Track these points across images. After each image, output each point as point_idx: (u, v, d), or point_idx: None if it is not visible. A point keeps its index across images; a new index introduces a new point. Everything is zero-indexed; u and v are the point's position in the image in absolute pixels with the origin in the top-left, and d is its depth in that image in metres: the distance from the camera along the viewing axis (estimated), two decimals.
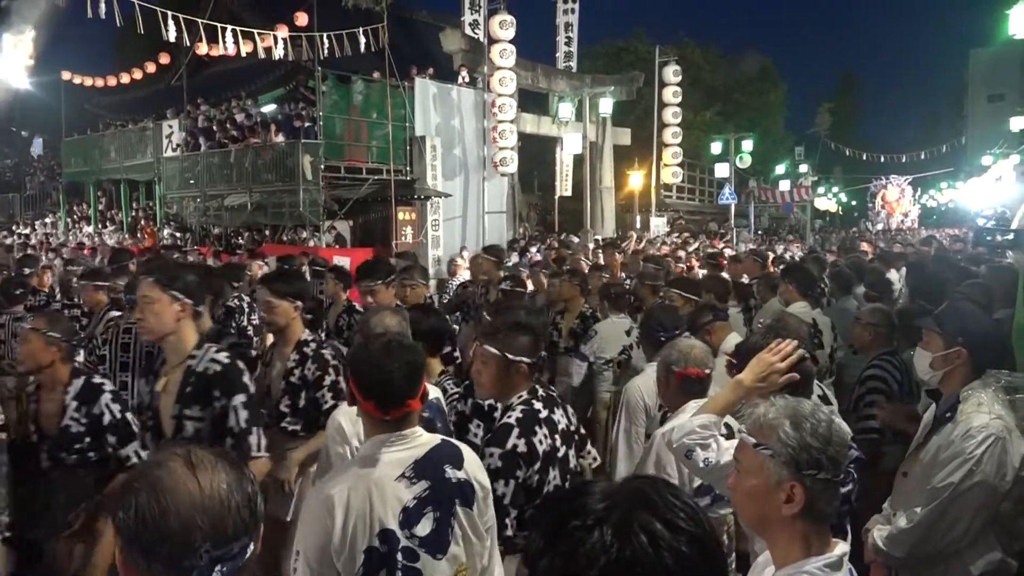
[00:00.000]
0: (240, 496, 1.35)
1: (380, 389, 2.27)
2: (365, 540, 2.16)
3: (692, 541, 1.00)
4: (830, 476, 1.72)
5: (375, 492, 2.19)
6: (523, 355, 2.75)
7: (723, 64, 41.79)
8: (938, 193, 45.58)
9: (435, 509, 2.25)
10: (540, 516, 1.07)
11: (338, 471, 2.32)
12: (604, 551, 0.96)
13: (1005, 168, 29.17)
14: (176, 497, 1.30)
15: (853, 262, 9.63)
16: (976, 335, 2.97)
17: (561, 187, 24.88)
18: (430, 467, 2.28)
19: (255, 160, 17.71)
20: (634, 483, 1.07)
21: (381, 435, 2.29)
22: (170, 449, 1.41)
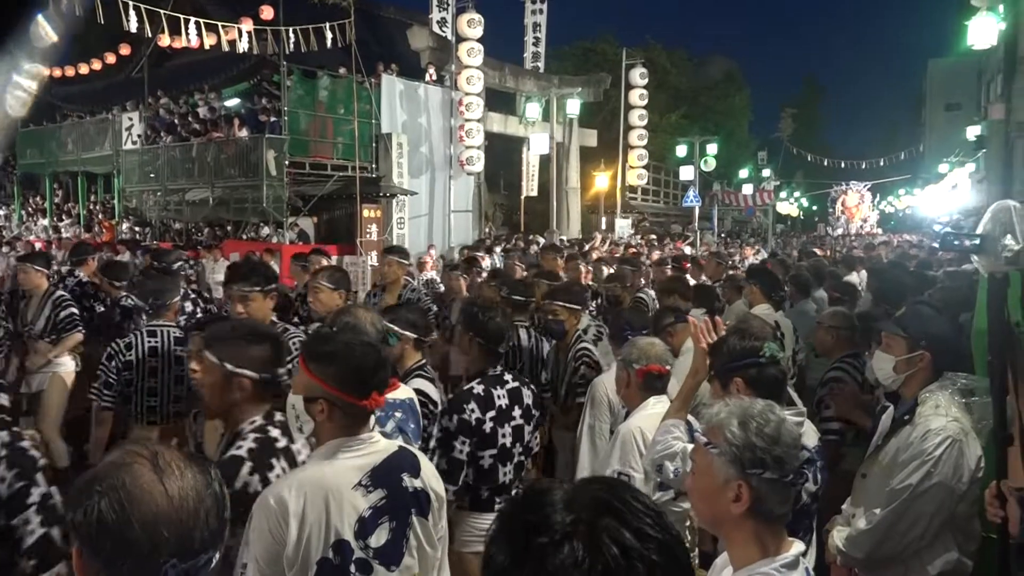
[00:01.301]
0: (210, 503, 1.27)
1: (378, 375, 2.20)
2: (319, 551, 2.07)
3: (661, 548, 0.98)
4: (776, 476, 1.73)
5: (332, 501, 2.10)
6: (249, 367, 2.36)
7: (689, 67, 42.19)
8: (896, 199, 46.49)
9: (391, 519, 2.18)
10: (501, 531, 1.01)
11: (293, 474, 2.22)
12: (576, 566, 0.94)
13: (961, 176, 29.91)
14: (141, 507, 1.21)
15: (813, 265, 9.78)
16: (939, 338, 3.01)
17: (527, 187, 24.92)
18: (387, 475, 2.20)
19: (218, 154, 17.47)
20: (593, 489, 1.04)
21: (338, 439, 2.20)
22: (132, 447, 1.31)
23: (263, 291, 4.08)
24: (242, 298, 4.04)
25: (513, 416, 3.43)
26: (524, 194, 25.02)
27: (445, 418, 3.31)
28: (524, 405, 3.51)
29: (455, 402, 3.35)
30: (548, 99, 23.66)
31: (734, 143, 41.26)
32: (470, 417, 3.28)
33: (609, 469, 3.01)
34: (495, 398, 3.39)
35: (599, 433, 3.99)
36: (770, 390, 2.50)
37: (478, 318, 3.48)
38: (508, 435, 3.39)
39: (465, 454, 3.26)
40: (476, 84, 19.75)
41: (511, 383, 3.52)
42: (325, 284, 4.66)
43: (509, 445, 3.40)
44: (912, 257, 13.38)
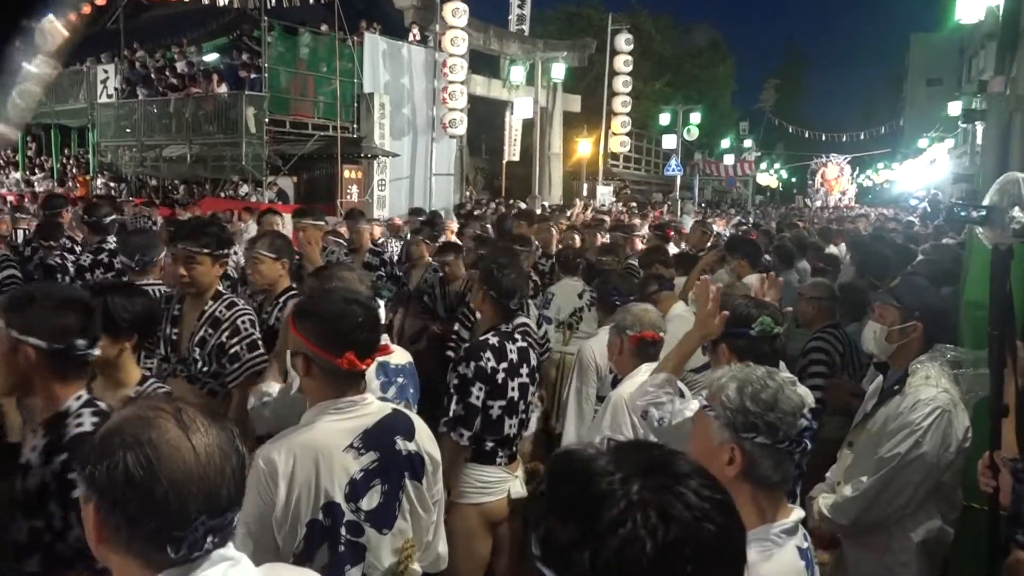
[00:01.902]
0: (235, 460, 1.25)
1: (356, 336, 2.15)
2: (308, 512, 2.05)
3: (720, 507, 0.98)
4: (768, 441, 1.74)
5: (322, 462, 2.07)
6: (39, 336, 2.00)
7: (674, 35, 41.92)
8: (875, 173, 46.81)
9: (383, 482, 2.16)
10: (559, 508, 0.97)
11: (283, 436, 2.18)
12: (651, 535, 0.92)
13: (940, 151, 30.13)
14: (170, 463, 1.18)
15: (796, 236, 9.82)
16: (932, 310, 3.03)
17: (509, 152, 24.76)
18: (380, 438, 2.18)
19: (196, 110, 17.16)
20: (638, 454, 1.03)
21: (328, 400, 2.17)
22: (152, 402, 1.28)
23: (212, 255, 3.51)
24: (187, 259, 3.49)
25: (520, 373, 3.47)
26: (506, 159, 24.87)
27: (463, 365, 3.32)
28: (531, 365, 3.56)
29: (472, 350, 3.38)
30: (532, 63, 23.43)
31: (717, 113, 41.21)
32: (486, 365, 3.31)
33: (599, 435, 3.02)
34: (507, 352, 3.43)
35: (585, 397, 4.02)
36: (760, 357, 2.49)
37: (493, 273, 3.51)
38: (516, 389, 3.43)
39: (480, 401, 3.29)
40: (460, 45, 19.49)
41: (520, 342, 3.56)
42: (265, 254, 3.98)
43: (516, 399, 3.43)
44: (890, 231, 13.50)
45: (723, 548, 0.95)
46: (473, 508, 3.29)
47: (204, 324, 3.47)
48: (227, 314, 3.49)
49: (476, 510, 3.32)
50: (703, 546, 0.93)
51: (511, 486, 3.45)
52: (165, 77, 18.71)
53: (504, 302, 3.48)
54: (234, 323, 3.47)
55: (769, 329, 2.58)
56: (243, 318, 3.51)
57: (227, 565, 1.26)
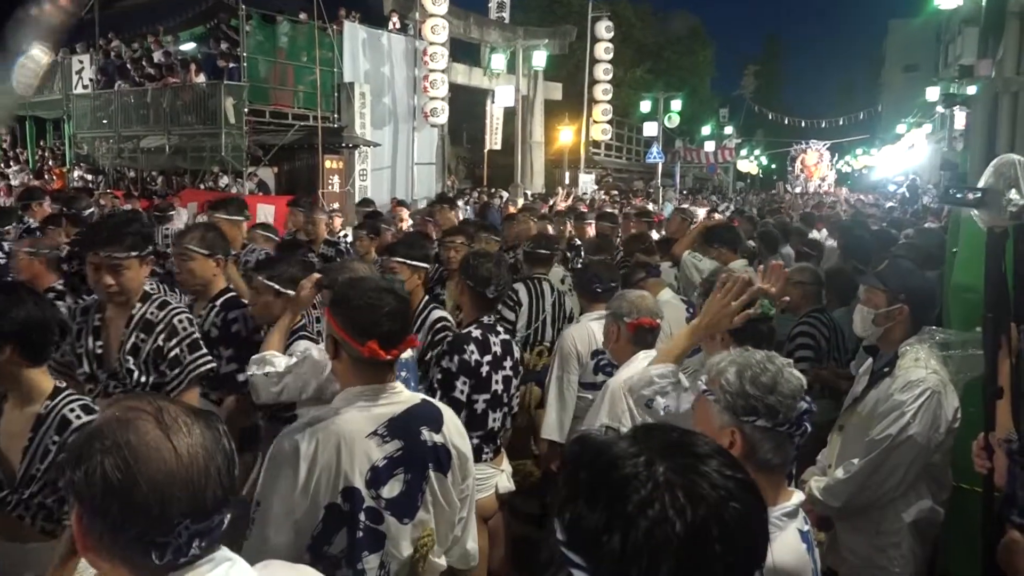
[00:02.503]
0: (220, 460, 1.20)
1: (381, 326, 2.15)
2: (328, 496, 2.07)
3: (741, 485, 0.99)
4: (769, 424, 1.75)
5: (343, 447, 2.08)
6: None
7: (654, 22, 41.91)
8: (853, 159, 47.15)
9: (406, 471, 2.15)
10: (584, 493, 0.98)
11: (308, 419, 2.20)
12: (679, 515, 0.93)
13: (918, 136, 30.38)
14: (149, 465, 1.14)
15: (780, 222, 9.88)
16: (917, 292, 3.05)
17: (491, 140, 24.68)
18: (405, 427, 2.18)
19: (174, 101, 16.95)
20: (657, 435, 1.03)
21: (359, 387, 2.18)
22: (133, 402, 1.22)
23: (139, 256, 3.08)
24: (113, 267, 2.99)
25: (504, 365, 3.46)
26: (488, 147, 24.79)
27: (446, 359, 3.32)
28: (514, 358, 3.56)
29: (456, 344, 3.37)
30: (513, 51, 23.34)
31: (697, 100, 41.28)
32: (470, 358, 3.30)
33: (597, 423, 3.02)
34: (491, 344, 3.42)
35: (567, 384, 4.02)
36: (755, 345, 2.50)
37: (469, 262, 3.54)
38: (500, 383, 3.43)
39: (464, 395, 3.28)
40: (441, 33, 19.38)
41: (503, 334, 3.56)
42: (196, 249, 3.62)
43: (500, 392, 3.43)
44: (868, 216, 13.63)
45: (748, 525, 0.96)
46: None
47: (135, 329, 3.08)
48: (160, 315, 3.12)
49: None
50: (729, 524, 0.94)
51: (498, 481, 3.44)
52: (142, 67, 18.46)
53: (481, 291, 3.47)
54: (170, 323, 3.11)
55: (768, 312, 2.58)
56: (179, 316, 3.16)
57: (228, 565, 1.24)
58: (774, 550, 1.72)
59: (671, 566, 0.91)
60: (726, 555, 0.93)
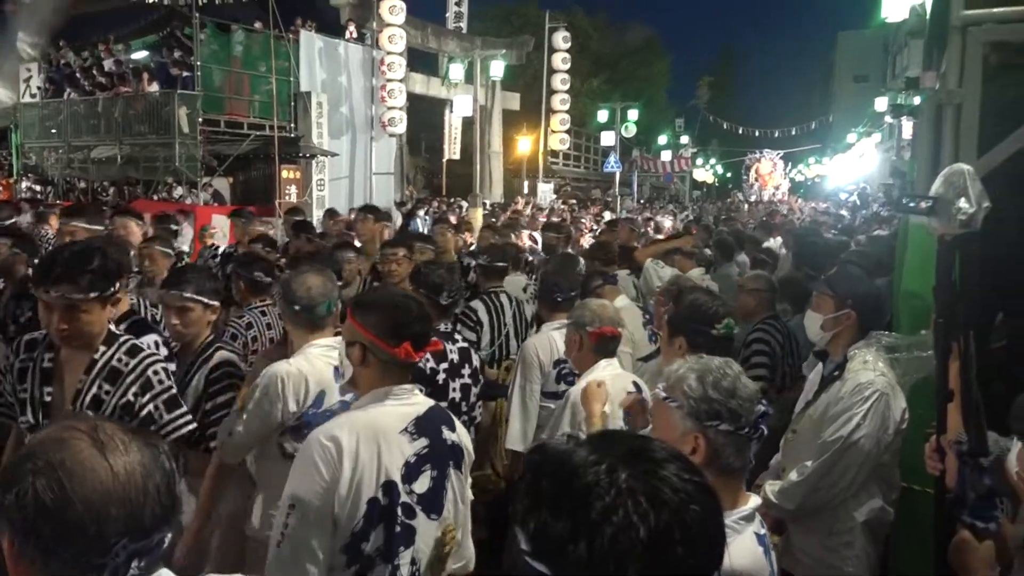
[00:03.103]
0: (159, 478, 1.17)
1: (413, 328, 2.24)
2: (370, 490, 2.11)
3: (700, 488, 1.01)
4: (731, 428, 1.79)
5: (383, 443, 2.14)
6: None
7: (610, 33, 42.32)
8: (806, 168, 48.02)
9: (433, 467, 2.22)
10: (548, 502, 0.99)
11: (342, 416, 2.26)
12: (643, 520, 0.95)
13: (868, 146, 31.07)
14: (84, 485, 1.11)
15: (734, 231, 10.04)
16: (864, 298, 3.13)
17: (450, 150, 24.66)
18: (430, 425, 2.26)
19: (126, 110, 16.65)
20: (617, 443, 1.04)
21: (385, 387, 2.24)
22: (68, 422, 1.19)
23: (101, 298, 2.59)
24: (67, 308, 2.53)
25: (462, 374, 3.50)
26: (446, 157, 24.76)
27: None
28: (472, 367, 3.58)
29: None
30: (471, 61, 23.36)
31: (653, 110, 41.74)
32: (425, 366, 3.32)
33: (559, 432, 3.03)
34: (447, 352, 3.44)
35: (529, 394, 4.02)
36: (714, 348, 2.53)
37: (420, 271, 3.61)
38: (457, 391, 3.46)
39: None
40: (398, 43, 19.32)
41: (461, 342, 3.60)
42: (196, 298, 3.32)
43: (458, 401, 3.46)
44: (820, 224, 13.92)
45: (707, 527, 0.99)
46: None
47: (97, 378, 2.63)
48: (131, 363, 2.67)
49: None
50: (690, 527, 0.96)
51: None
52: (93, 76, 18.12)
53: (435, 298, 3.50)
54: (143, 374, 2.68)
55: (731, 331, 2.63)
56: (154, 367, 2.72)
57: None
58: (731, 554, 1.73)
59: (636, 570, 0.93)
60: (688, 557, 0.95)
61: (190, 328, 3.22)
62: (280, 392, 2.79)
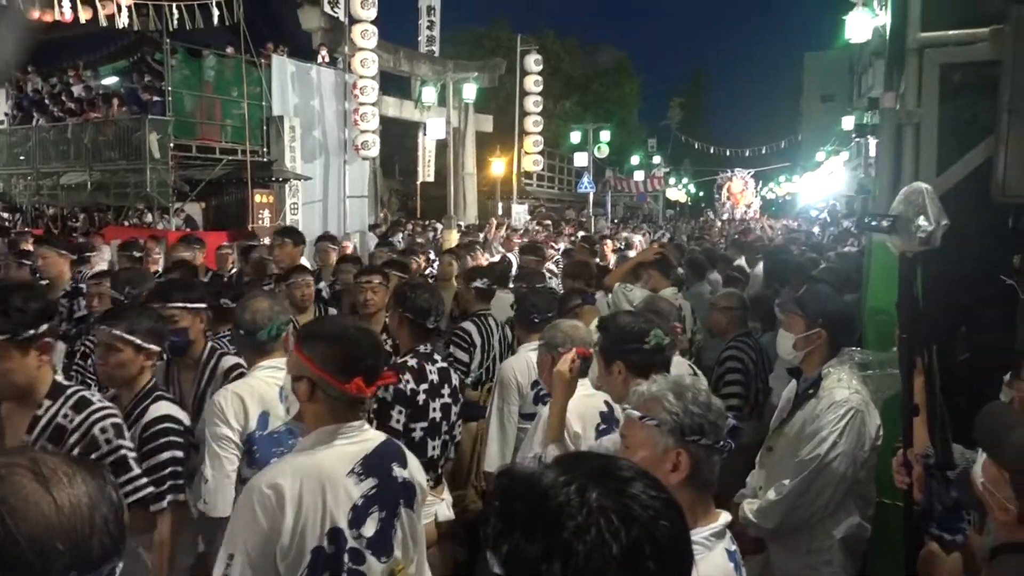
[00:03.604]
0: (106, 509, 1.14)
1: (365, 362, 2.13)
2: (315, 539, 2.01)
3: (667, 505, 1.03)
4: (712, 442, 1.81)
5: (328, 488, 2.04)
6: None
7: (581, 56, 42.74)
8: (777, 186, 48.63)
9: (381, 509, 2.14)
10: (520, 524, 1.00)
11: (284, 460, 2.15)
12: (615, 538, 0.96)
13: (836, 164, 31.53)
14: (28, 521, 1.07)
15: (706, 250, 10.13)
16: (833, 316, 3.16)
17: (423, 173, 24.70)
18: (379, 464, 2.16)
19: (96, 136, 16.51)
20: (584, 463, 1.06)
21: (331, 426, 2.13)
22: (7, 457, 1.16)
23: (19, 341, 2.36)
24: None
25: (442, 393, 3.47)
26: (420, 179, 24.80)
27: (381, 389, 3.27)
28: (452, 386, 3.57)
29: None
30: (444, 84, 23.47)
31: (625, 131, 42.14)
32: (406, 387, 3.31)
33: (532, 452, 3.02)
34: (427, 372, 3.43)
35: (507, 416, 4.00)
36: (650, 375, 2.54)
37: (406, 294, 3.54)
38: (438, 410, 3.43)
39: (401, 424, 3.28)
40: (371, 67, 19.38)
41: (440, 363, 3.58)
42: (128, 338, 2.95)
43: (438, 420, 3.43)
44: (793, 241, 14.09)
45: (677, 541, 1.01)
46: None
47: (40, 438, 2.44)
48: (77, 419, 2.47)
49: None
50: (660, 542, 0.98)
51: (438, 510, 3.42)
52: (62, 102, 17.97)
53: (420, 322, 3.49)
54: (87, 433, 2.46)
55: (661, 341, 2.65)
56: (102, 423, 2.49)
57: None
58: (702, 570, 1.75)
59: None
60: (659, 571, 0.97)
61: (117, 371, 2.89)
62: (222, 415, 2.82)
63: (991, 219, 3.39)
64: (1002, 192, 3.05)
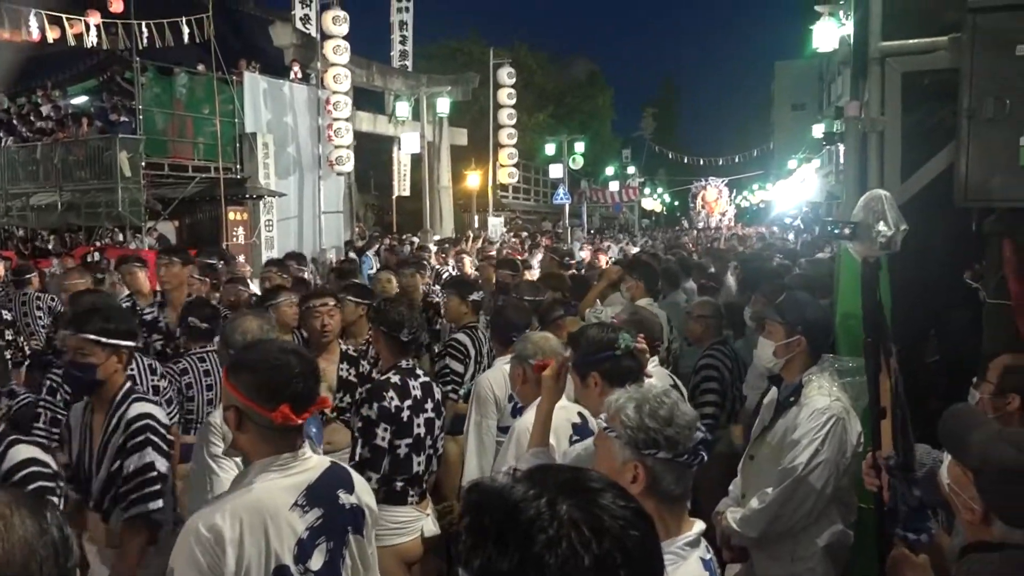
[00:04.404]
0: (44, 553, 1.10)
1: (291, 388, 2.05)
2: None
3: (637, 515, 1.03)
4: (669, 456, 1.80)
5: (270, 525, 1.98)
6: None
7: (554, 68, 42.98)
8: (751, 194, 49.09)
9: (328, 539, 2.09)
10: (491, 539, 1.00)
11: (222, 499, 2.06)
12: (586, 549, 0.97)
13: (808, 171, 31.87)
14: None
15: (680, 259, 10.19)
16: (813, 323, 3.18)
17: (399, 187, 24.67)
18: (324, 493, 2.10)
19: (66, 156, 16.33)
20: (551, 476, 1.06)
21: (268, 458, 2.06)
22: None
23: None
24: None
25: (426, 408, 3.50)
26: (396, 194, 24.76)
27: (365, 407, 3.32)
28: (435, 400, 3.60)
29: (374, 391, 3.38)
30: (417, 98, 23.51)
31: (600, 142, 42.38)
32: (390, 405, 3.33)
33: (505, 466, 3.02)
34: (411, 388, 3.45)
35: (485, 430, 3.98)
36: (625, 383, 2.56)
37: (381, 308, 3.60)
38: (422, 425, 3.45)
39: (386, 441, 3.29)
40: (343, 82, 19.36)
41: (423, 377, 3.60)
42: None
43: (422, 436, 3.45)
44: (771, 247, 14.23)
45: (646, 550, 1.02)
46: (388, 550, 3.23)
47: None
48: None
49: (391, 552, 3.27)
50: (631, 551, 0.99)
51: (423, 524, 3.44)
52: (30, 122, 17.78)
53: (395, 335, 3.50)
54: None
55: (630, 344, 2.67)
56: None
57: None
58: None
59: None
60: None
61: None
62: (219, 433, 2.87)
63: (956, 223, 3.44)
64: (964, 196, 3.11)
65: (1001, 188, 3.06)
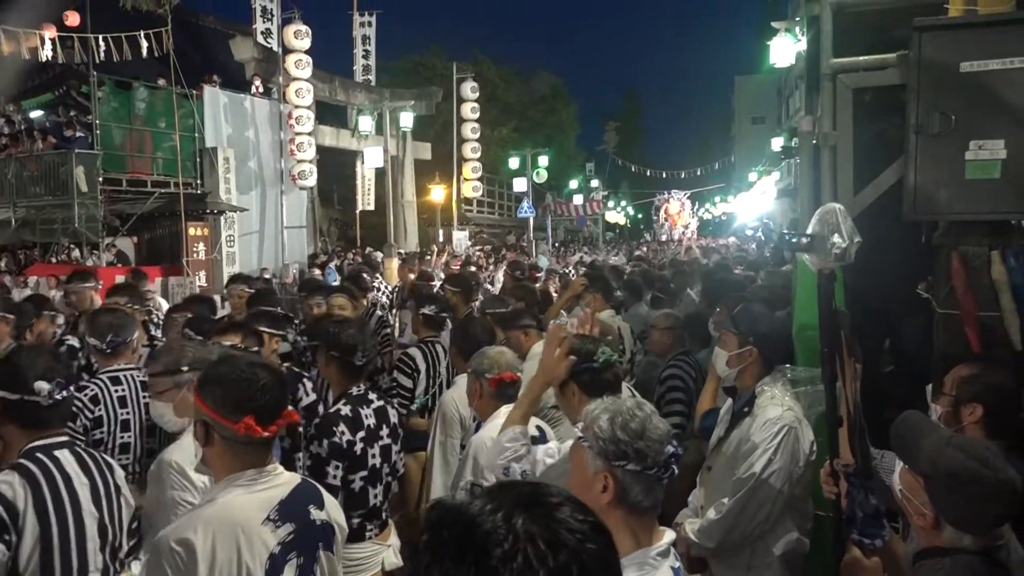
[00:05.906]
0: None
1: (256, 400, 2.04)
2: None
3: (595, 528, 1.04)
4: (638, 468, 1.82)
5: (242, 539, 1.97)
6: None
7: (517, 82, 43.20)
8: (713, 207, 49.67)
9: (299, 555, 2.08)
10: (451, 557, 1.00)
11: (193, 513, 2.04)
12: (542, 563, 0.97)
13: (768, 184, 32.33)
14: None
15: (642, 271, 10.29)
16: (765, 334, 3.24)
17: (363, 201, 24.59)
18: (295, 508, 2.10)
19: (20, 171, 16.03)
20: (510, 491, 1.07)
21: (239, 473, 2.05)
22: None
23: None
24: None
25: (381, 436, 3.35)
26: (360, 208, 24.68)
27: (315, 444, 3.16)
28: (391, 424, 3.45)
29: (323, 426, 3.21)
30: (380, 112, 23.47)
31: (563, 155, 42.63)
32: (341, 440, 3.16)
33: (462, 481, 3.01)
34: (363, 418, 3.29)
35: (450, 449, 3.96)
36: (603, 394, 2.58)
37: (329, 330, 3.41)
38: (377, 456, 3.31)
39: (339, 479, 3.14)
40: (306, 96, 19.29)
41: (376, 402, 3.45)
42: None
43: (378, 466, 3.32)
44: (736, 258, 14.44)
45: (604, 563, 1.02)
46: None
47: None
48: None
49: None
50: (587, 564, 0.99)
51: (384, 557, 3.33)
52: None
53: (348, 359, 3.36)
54: None
55: (610, 358, 2.69)
56: None
57: None
58: None
59: None
60: None
61: None
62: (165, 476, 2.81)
63: (907, 236, 3.53)
64: (913, 210, 3.19)
65: (948, 201, 3.14)
